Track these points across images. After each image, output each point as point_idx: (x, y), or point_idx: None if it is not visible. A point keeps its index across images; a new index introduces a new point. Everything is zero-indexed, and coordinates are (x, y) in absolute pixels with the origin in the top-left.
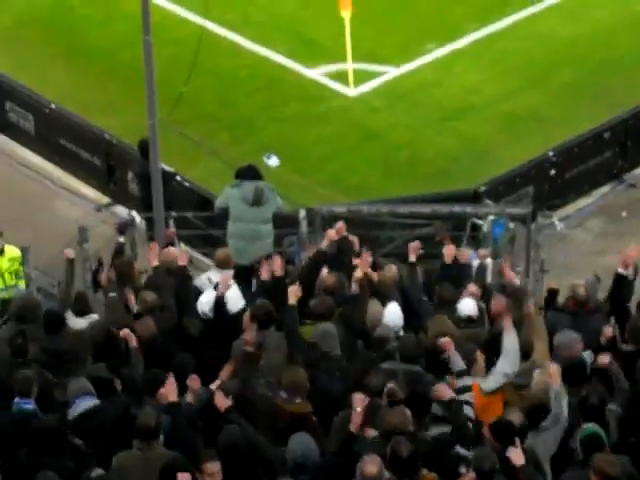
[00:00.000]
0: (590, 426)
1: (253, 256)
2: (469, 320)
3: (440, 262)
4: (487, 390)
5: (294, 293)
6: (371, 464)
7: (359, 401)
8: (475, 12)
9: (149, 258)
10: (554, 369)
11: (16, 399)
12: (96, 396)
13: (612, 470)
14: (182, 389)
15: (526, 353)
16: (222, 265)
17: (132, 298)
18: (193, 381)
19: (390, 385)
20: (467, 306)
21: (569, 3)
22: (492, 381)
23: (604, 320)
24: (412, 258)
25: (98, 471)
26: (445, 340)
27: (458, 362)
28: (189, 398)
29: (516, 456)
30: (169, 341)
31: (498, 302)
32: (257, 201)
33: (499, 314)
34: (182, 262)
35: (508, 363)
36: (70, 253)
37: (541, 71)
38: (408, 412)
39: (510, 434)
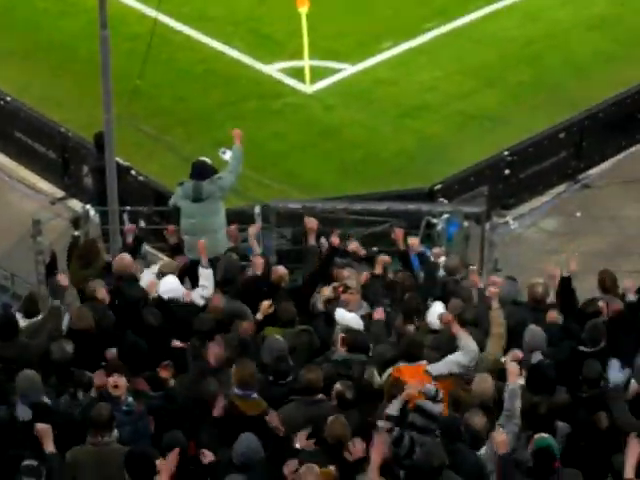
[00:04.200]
0: (543, 437)
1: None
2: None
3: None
4: (434, 374)
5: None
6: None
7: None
8: (432, 11)
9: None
10: (512, 367)
11: None
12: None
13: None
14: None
15: (480, 347)
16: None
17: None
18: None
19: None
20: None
21: (526, 4)
22: (442, 367)
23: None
24: (378, 270)
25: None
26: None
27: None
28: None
29: (501, 444)
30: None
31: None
32: (197, 197)
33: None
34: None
35: (466, 356)
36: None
37: (497, 71)
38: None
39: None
